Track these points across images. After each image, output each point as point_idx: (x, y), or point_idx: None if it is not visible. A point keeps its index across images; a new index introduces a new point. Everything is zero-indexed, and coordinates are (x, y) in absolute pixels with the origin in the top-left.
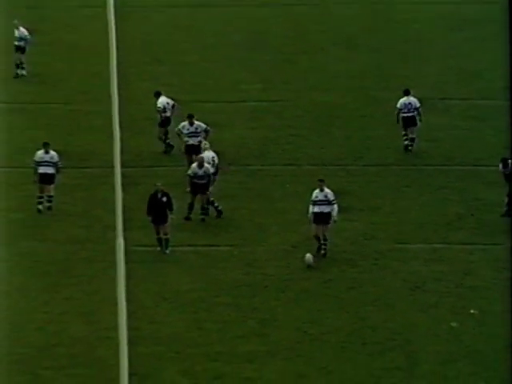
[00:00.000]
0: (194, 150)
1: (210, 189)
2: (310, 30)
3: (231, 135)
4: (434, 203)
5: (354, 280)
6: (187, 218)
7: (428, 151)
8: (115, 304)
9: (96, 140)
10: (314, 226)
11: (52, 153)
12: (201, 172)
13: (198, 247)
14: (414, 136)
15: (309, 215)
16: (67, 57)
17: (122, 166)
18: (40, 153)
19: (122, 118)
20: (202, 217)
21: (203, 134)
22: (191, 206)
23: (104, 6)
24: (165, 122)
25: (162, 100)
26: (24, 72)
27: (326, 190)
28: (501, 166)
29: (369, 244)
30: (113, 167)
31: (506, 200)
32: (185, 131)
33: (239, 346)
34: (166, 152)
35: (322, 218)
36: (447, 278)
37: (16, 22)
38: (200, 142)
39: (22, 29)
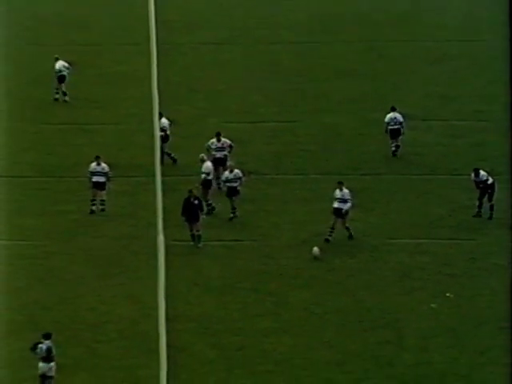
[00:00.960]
0: (220, 162)
1: (239, 191)
2: (316, 63)
3: (251, 150)
4: (419, 206)
5: (352, 269)
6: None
7: (414, 163)
8: (156, 288)
9: (140, 154)
10: (333, 217)
11: (103, 164)
12: (231, 176)
13: (225, 242)
14: (398, 143)
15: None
16: (117, 86)
17: (162, 175)
18: (93, 165)
19: None
20: (232, 216)
21: (228, 149)
22: (232, 207)
23: (147, 43)
24: (165, 139)
25: (164, 120)
26: (66, 98)
27: (345, 190)
28: (473, 175)
29: (365, 239)
30: (154, 176)
31: (478, 203)
32: (213, 146)
33: (257, 323)
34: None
35: (339, 213)
36: (429, 267)
37: (56, 56)
38: (226, 155)
39: (60, 62)
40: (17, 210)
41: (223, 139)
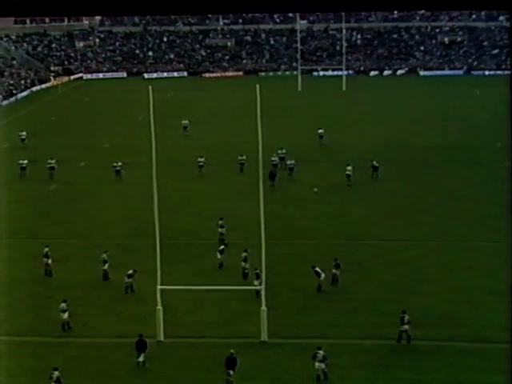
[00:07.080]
0: (282, 159)
1: (294, 169)
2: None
3: (292, 156)
4: (341, 174)
5: (331, 196)
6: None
7: (339, 153)
8: (259, 201)
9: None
10: (346, 178)
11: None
12: (291, 162)
13: (283, 187)
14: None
15: None
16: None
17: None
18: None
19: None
20: (290, 177)
21: (285, 154)
22: (290, 174)
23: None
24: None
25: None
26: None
27: (350, 166)
28: (370, 163)
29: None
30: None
31: (371, 174)
32: (279, 152)
33: (297, 220)
34: None
35: (348, 176)
36: (344, 201)
37: (184, 120)
38: (284, 156)
39: (184, 121)
40: None
41: (284, 149)
